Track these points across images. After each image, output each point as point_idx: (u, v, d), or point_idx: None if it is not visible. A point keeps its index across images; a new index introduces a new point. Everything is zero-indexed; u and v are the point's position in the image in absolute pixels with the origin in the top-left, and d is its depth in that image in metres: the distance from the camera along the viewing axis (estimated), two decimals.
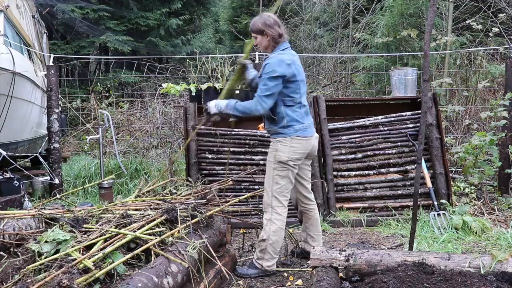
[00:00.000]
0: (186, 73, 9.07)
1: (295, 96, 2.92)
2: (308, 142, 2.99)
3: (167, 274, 2.01)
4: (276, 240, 3.00)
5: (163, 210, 2.53)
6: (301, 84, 2.95)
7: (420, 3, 7.47)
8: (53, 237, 2.15)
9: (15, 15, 5.53)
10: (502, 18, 7.23)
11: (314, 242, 3.26)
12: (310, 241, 3.28)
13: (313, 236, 3.28)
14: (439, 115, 4.59)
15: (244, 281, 2.96)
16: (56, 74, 5.31)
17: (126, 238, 2.19)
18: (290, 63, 2.86)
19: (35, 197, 5.24)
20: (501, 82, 6.70)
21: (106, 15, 10.81)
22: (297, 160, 2.97)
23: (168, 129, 7.09)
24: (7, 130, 4.62)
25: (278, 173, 2.95)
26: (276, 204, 2.98)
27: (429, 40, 2.57)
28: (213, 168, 4.58)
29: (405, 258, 2.34)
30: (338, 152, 4.62)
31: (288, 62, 2.85)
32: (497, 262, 2.24)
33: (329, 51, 10.13)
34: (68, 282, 1.70)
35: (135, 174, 6.13)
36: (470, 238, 3.69)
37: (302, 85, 2.96)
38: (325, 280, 2.21)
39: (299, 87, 2.93)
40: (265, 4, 11.95)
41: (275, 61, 2.84)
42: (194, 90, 4.82)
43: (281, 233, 3.02)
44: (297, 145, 2.93)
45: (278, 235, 2.99)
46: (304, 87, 3.00)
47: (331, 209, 4.46)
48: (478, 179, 4.92)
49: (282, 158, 2.92)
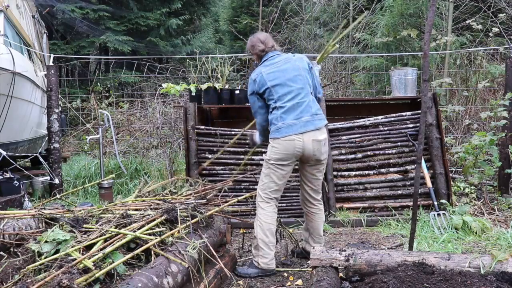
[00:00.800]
0: (186, 73, 9.07)
1: (271, 103, 3.06)
2: (289, 143, 2.96)
3: (167, 274, 2.01)
4: (265, 235, 3.03)
5: (163, 210, 2.53)
6: (275, 89, 3.02)
7: (420, 3, 7.47)
8: (53, 237, 2.15)
9: (15, 15, 5.53)
10: (502, 18, 7.23)
11: (314, 243, 3.25)
12: (310, 242, 3.30)
13: (313, 238, 3.30)
14: (439, 115, 4.58)
15: (244, 281, 2.96)
16: (56, 74, 5.31)
17: (126, 238, 2.19)
18: (255, 78, 3.08)
19: (35, 197, 5.24)
20: (501, 82, 6.70)
21: (106, 15, 10.81)
22: (279, 160, 3.01)
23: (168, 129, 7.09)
24: (7, 130, 4.62)
25: (263, 170, 3.12)
26: (259, 199, 3.11)
27: (428, 40, 2.57)
28: (213, 168, 4.58)
29: (405, 258, 2.34)
30: (338, 152, 4.62)
31: (254, 78, 3.09)
32: (497, 262, 2.24)
33: None
34: (68, 282, 1.70)
35: (135, 174, 6.13)
36: (470, 238, 3.69)
37: (277, 89, 3.02)
38: (325, 280, 2.21)
39: (272, 93, 3.03)
40: (265, 4, 11.95)
41: (249, 80, 3.15)
42: (194, 90, 4.82)
43: (267, 227, 3.03)
44: (277, 145, 3.01)
45: (264, 229, 3.03)
46: (282, 90, 3.02)
47: (331, 209, 4.46)
48: (478, 179, 4.92)
49: (265, 156, 3.11)
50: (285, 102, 3.00)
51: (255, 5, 12.52)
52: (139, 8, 11.64)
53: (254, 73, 3.13)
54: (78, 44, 11.23)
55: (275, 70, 3.06)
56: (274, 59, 3.12)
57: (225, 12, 15.14)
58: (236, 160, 4.59)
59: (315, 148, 3.00)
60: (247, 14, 13.00)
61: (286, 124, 2.98)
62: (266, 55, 3.15)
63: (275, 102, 3.03)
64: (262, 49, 3.15)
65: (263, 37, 3.18)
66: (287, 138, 2.96)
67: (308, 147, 2.99)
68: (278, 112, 3.01)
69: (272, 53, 3.15)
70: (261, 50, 3.16)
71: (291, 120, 2.98)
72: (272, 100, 3.04)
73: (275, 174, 3.04)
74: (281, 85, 3.02)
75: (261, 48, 3.15)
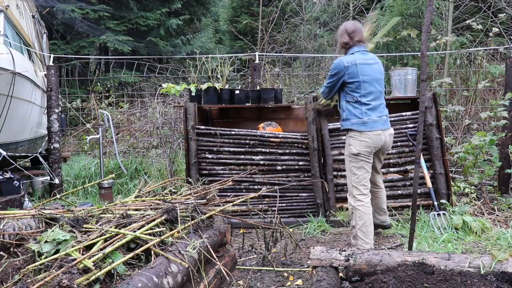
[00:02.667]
0: (186, 73, 9.08)
1: (354, 94, 3.35)
2: (377, 137, 3.36)
3: (167, 274, 2.01)
4: (364, 224, 3.36)
5: (163, 210, 2.53)
6: (364, 85, 3.32)
7: (420, 3, 7.48)
8: (53, 237, 2.15)
9: (15, 15, 5.53)
10: (502, 18, 7.24)
11: (380, 216, 3.79)
12: (376, 215, 3.76)
13: (379, 212, 3.79)
14: (439, 115, 4.58)
15: (244, 280, 2.96)
16: (56, 74, 5.31)
17: (126, 238, 2.19)
18: (348, 66, 3.32)
19: (35, 197, 5.25)
20: (501, 82, 6.70)
21: (106, 15, 10.81)
22: (369, 153, 3.38)
23: (168, 129, 7.09)
24: (7, 130, 4.62)
25: (352, 165, 3.42)
26: (356, 193, 3.40)
27: (426, 40, 2.57)
28: (213, 168, 4.58)
29: (405, 258, 2.35)
30: (338, 152, 4.62)
31: (346, 64, 3.33)
32: (497, 262, 2.24)
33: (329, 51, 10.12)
34: (68, 282, 1.70)
35: (135, 174, 6.13)
36: (470, 238, 3.69)
37: (366, 85, 3.32)
38: (325, 280, 2.21)
39: (360, 87, 3.32)
40: (265, 4, 11.95)
41: (335, 62, 3.40)
42: (194, 90, 4.82)
43: (366, 217, 3.37)
44: (367, 139, 3.35)
45: (364, 219, 3.36)
46: (370, 88, 3.34)
47: (331, 209, 4.46)
48: (478, 179, 4.92)
49: (352, 150, 3.39)
50: (370, 101, 3.35)
51: (255, 5, 12.52)
52: (139, 8, 11.64)
53: (346, 59, 3.34)
54: (78, 44, 11.23)
55: (366, 66, 3.34)
56: (366, 54, 3.41)
57: (225, 12, 15.15)
58: (236, 160, 4.59)
59: (390, 141, 3.54)
60: (247, 14, 13.00)
61: (371, 120, 3.34)
62: (354, 48, 3.41)
63: (360, 96, 3.33)
64: (346, 42, 3.45)
65: (351, 28, 3.44)
66: (375, 133, 3.35)
67: (387, 141, 3.47)
68: (363, 108, 3.34)
69: (363, 47, 3.44)
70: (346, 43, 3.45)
71: (375, 117, 3.36)
72: (358, 93, 3.33)
73: (367, 165, 3.41)
74: (369, 83, 3.34)
75: (345, 41, 3.45)
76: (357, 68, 3.30)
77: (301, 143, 4.64)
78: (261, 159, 4.58)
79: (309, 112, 4.03)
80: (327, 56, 9.05)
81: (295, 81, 9.10)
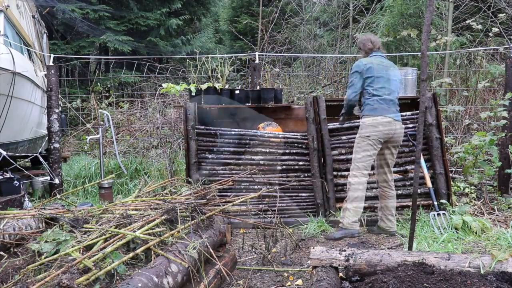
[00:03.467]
0: (186, 73, 9.07)
1: (369, 89, 3.83)
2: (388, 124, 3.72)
3: (167, 274, 2.01)
4: (355, 198, 3.74)
5: (163, 210, 2.53)
6: (378, 80, 3.79)
7: (420, 3, 7.48)
8: (53, 237, 2.15)
9: (15, 15, 5.52)
10: (502, 18, 7.24)
11: (388, 222, 3.95)
12: (384, 219, 3.96)
13: (387, 216, 3.94)
14: (439, 115, 4.58)
15: (244, 280, 2.96)
16: (56, 74, 5.31)
17: (126, 238, 2.19)
18: (366, 63, 3.86)
19: (35, 197, 5.24)
20: (501, 82, 6.70)
21: (106, 15, 10.81)
22: (379, 138, 3.73)
23: (168, 129, 7.09)
24: (7, 130, 4.62)
25: (360, 145, 3.80)
26: (356, 170, 3.80)
27: (426, 40, 2.57)
28: (213, 168, 4.58)
29: (405, 258, 2.34)
30: (338, 152, 4.62)
31: (365, 63, 3.86)
32: (497, 262, 2.24)
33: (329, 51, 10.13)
34: (68, 282, 1.70)
35: (135, 174, 6.13)
36: (470, 238, 3.69)
37: (380, 80, 3.80)
38: (325, 280, 2.21)
39: (374, 81, 3.80)
40: (265, 4, 11.95)
41: (356, 63, 3.95)
42: (194, 90, 4.82)
43: (359, 193, 3.74)
44: (378, 125, 3.71)
45: (357, 194, 3.73)
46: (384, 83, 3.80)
47: (331, 209, 4.46)
48: (478, 179, 4.92)
49: (363, 133, 3.79)
50: (382, 94, 3.79)
51: (255, 5, 12.53)
52: (139, 8, 11.64)
53: (365, 60, 3.92)
54: (78, 44, 11.23)
55: (381, 66, 3.85)
56: (383, 59, 3.95)
57: (225, 12, 15.16)
58: (236, 160, 4.59)
59: (401, 134, 3.85)
60: (247, 14, 13.01)
61: (381, 108, 3.76)
62: (374, 53, 3.99)
63: (373, 90, 3.80)
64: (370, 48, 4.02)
65: (372, 37, 4.08)
66: (386, 120, 3.74)
67: (397, 131, 3.81)
68: (375, 98, 3.79)
69: (381, 53, 4.02)
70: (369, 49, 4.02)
71: (386, 106, 3.78)
72: (372, 87, 3.81)
73: (373, 150, 3.76)
74: (383, 80, 3.81)
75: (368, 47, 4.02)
76: (373, 66, 3.82)
77: (301, 143, 4.65)
78: (261, 159, 4.58)
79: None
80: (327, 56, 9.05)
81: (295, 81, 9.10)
